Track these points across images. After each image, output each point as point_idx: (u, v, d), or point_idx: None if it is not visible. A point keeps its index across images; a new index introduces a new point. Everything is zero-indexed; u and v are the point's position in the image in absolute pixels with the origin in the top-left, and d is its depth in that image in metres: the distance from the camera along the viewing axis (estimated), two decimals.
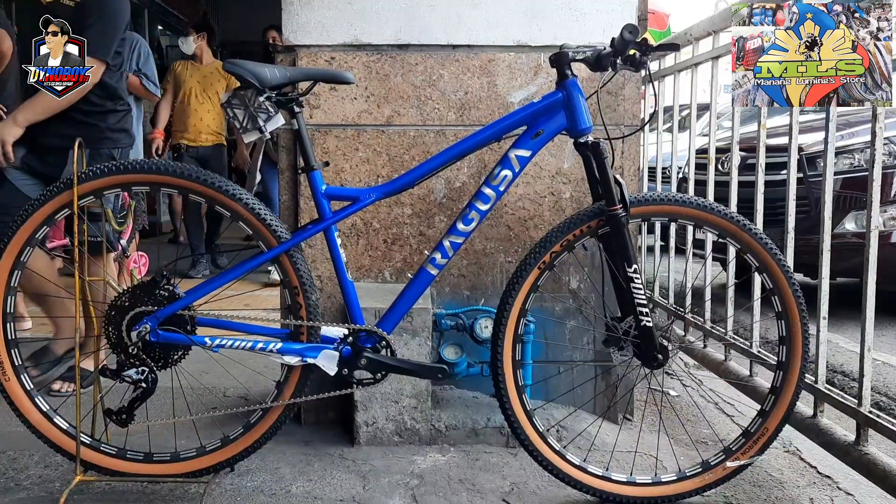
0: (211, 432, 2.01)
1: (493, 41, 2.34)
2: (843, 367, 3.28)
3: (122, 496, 1.90)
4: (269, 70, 1.78)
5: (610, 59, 1.78)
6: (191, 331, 1.81)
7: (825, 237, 2.08)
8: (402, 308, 1.88)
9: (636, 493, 1.89)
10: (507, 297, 1.86)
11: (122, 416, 1.80)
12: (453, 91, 2.36)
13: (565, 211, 2.37)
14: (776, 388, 1.88)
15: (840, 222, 3.83)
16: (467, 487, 1.98)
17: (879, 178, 1.91)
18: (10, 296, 1.84)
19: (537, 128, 1.82)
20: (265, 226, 1.80)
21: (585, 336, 2.42)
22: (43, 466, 2.06)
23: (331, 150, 2.35)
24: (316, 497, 1.92)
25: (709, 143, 2.83)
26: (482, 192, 1.83)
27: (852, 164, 3.90)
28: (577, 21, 2.33)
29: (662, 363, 1.84)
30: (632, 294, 1.80)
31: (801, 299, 1.83)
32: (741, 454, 1.88)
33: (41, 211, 1.79)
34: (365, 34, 2.33)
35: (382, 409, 2.21)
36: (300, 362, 1.83)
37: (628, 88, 2.36)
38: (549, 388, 2.36)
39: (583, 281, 2.39)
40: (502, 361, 1.87)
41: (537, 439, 1.89)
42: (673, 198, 1.85)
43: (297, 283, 1.83)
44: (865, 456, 1.89)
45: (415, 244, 2.39)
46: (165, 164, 1.79)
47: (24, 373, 1.87)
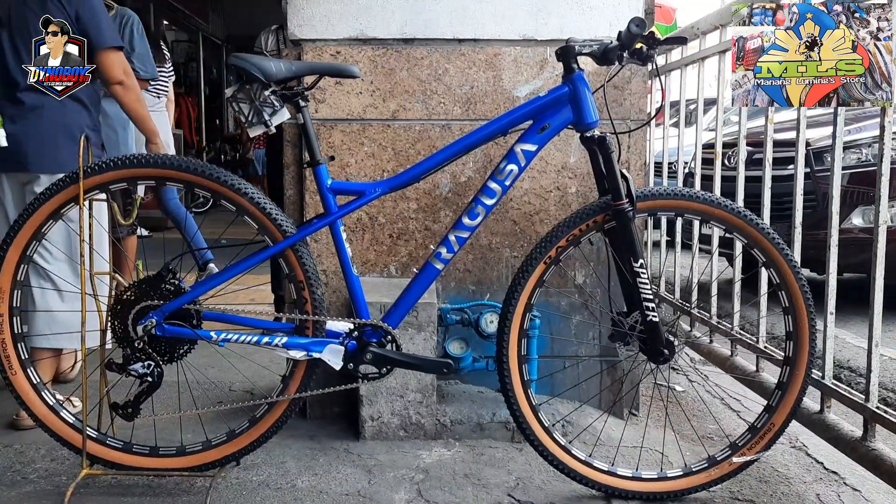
0: (217, 426, 2.01)
1: (499, 35, 2.33)
2: (850, 363, 3.27)
3: (128, 490, 1.90)
4: (274, 64, 1.78)
5: (616, 52, 1.77)
6: (196, 325, 1.81)
7: (833, 232, 2.07)
8: (407, 303, 1.88)
9: (642, 488, 1.88)
10: (513, 291, 1.85)
11: (128, 409, 1.80)
12: (459, 85, 2.35)
13: (571, 206, 2.36)
14: (783, 384, 1.87)
15: (847, 217, 3.81)
16: (472, 482, 1.98)
17: (888, 172, 1.90)
18: (16, 290, 1.84)
19: (543, 122, 1.82)
20: (270, 220, 1.80)
21: (591, 331, 2.42)
22: (49, 460, 2.07)
23: (336, 145, 2.35)
24: (321, 491, 1.92)
25: (715, 138, 2.81)
26: (488, 187, 1.83)
27: (860, 158, 3.88)
28: (584, 15, 2.32)
29: (668, 358, 1.83)
30: (638, 289, 1.79)
31: (808, 294, 1.82)
32: (747, 450, 1.87)
33: (47, 205, 1.79)
34: (370, 28, 2.33)
35: (388, 404, 2.21)
36: (305, 357, 1.83)
37: (635, 82, 2.35)
38: (554, 383, 2.36)
39: (589, 276, 2.38)
40: (508, 356, 1.87)
41: (543, 434, 1.88)
42: (679, 192, 1.84)
43: (302, 277, 1.83)
44: (872, 451, 1.88)
45: (420, 239, 2.38)
46: (170, 158, 1.79)
47: (31, 366, 1.88)
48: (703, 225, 1.93)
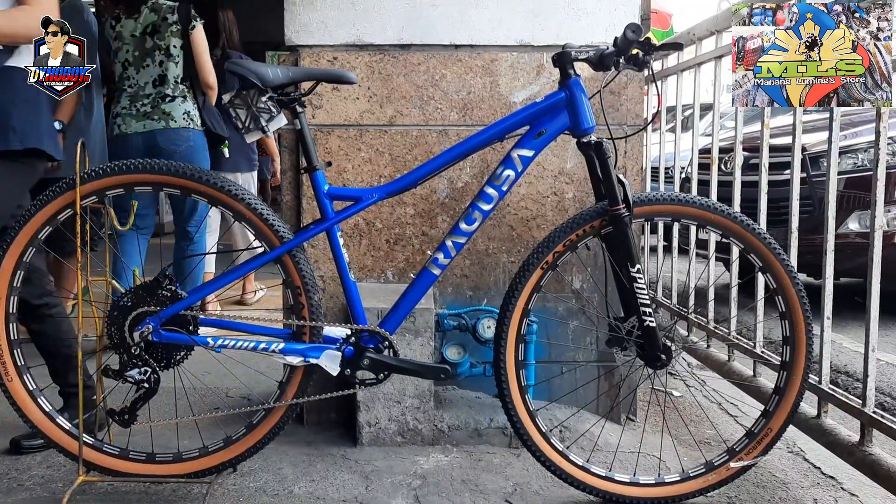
0: (213, 433, 2.01)
1: (496, 41, 2.34)
2: (847, 368, 3.27)
3: (124, 496, 1.90)
4: (271, 70, 1.78)
5: (613, 58, 1.77)
6: (193, 331, 1.81)
7: (829, 237, 2.07)
8: (404, 308, 1.88)
9: (639, 493, 1.88)
10: (510, 297, 1.85)
11: (125, 416, 1.80)
12: (456, 91, 2.35)
13: (568, 211, 2.37)
14: (780, 389, 1.87)
15: (844, 222, 3.82)
16: (470, 488, 1.98)
17: (883, 177, 1.90)
18: (12, 296, 1.84)
19: (540, 127, 1.82)
20: (268, 226, 1.80)
21: (588, 336, 2.42)
22: (45, 467, 2.06)
23: (333, 150, 2.35)
24: (318, 497, 1.92)
25: (712, 143, 2.82)
26: (485, 192, 1.83)
27: (856, 163, 3.89)
28: (580, 20, 2.33)
29: (665, 363, 1.83)
30: (635, 294, 1.79)
31: (805, 299, 1.82)
32: (745, 455, 1.87)
33: (43, 211, 1.79)
34: (367, 34, 2.33)
35: (385, 410, 2.21)
36: (303, 362, 1.83)
37: (631, 88, 2.35)
38: (552, 388, 2.36)
39: (586, 281, 2.39)
40: (505, 362, 1.87)
41: (540, 440, 1.88)
42: (676, 197, 1.84)
43: (299, 283, 1.83)
44: (869, 456, 1.88)
45: (417, 244, 2.38)
46: (167, 164, 1.79)
47: (27, 373, 1.87)
48: (699, 230, 1.93)
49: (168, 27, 3.28)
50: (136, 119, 3.26)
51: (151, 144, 3.25)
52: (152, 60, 3.29)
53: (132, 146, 3.24)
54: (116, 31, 3.33)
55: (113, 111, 3.35)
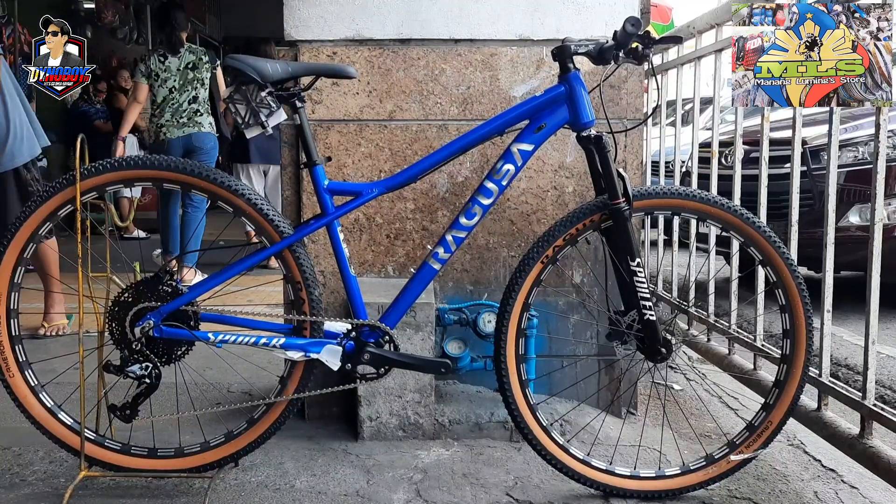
0: (215, 427, 2.01)
1: (496, 35, 2.33)
2: (847, 361, 3.28)
3: (126, 491, 1.90)
4: (270, 65, 1.78)
5: (612, 52, 1.77)
6: (194, 326, 1.81)
7: (829, 230, 2.07)
8: (405, 303, 1.88)
9: (640, 486, 1.89)
10: (511, 291, 1.86)
11: (126, 411, 1.80)
12: (455, 85, 2.35)
13: (568, 205, 2.37)
14: (780, 382, 1.87)
15: (844, 215, 3.82)
16: (471, 482, 1.99)
17: (883, 170, 1.90)
18: (14, 292, 1.84)
19: (540, 122, 1.82)
20: (268, 221, 1.80)
21: (589, 330, 2.42)
22: (48, 462, 2.07)
23: (333, 146, 2.35)
24: (320, 492, 1.92)
25: (712, 137, 2.82)
26: (485, 187, 1.83)
27: (856, 157, 3.89)
28: (580, 14, 2.32)
29: (666, 357, 1.84)
30: (635, 288, 1.79)
31: (805, 292, 1.82)
32: (745, 448, 1.88)
33: (44, 207, 1.79)
34: (366, 29, 2.33)
35: (386, 404, 2.21)
36: (303, 357, 1.83)
37: (631, 82, 2.35)
38: (552, 382, 2.36)
39: (586, 275, 2.39)
40: (506, 356, 1.87)
41: (541, 433, 1.89)
42: (676, 191, 1.84)
43: (299, 278, 1.83)
44: (870, 449, 1.89)
45: (417, 239, 2.39)
46: (168, 159, 1.79)
47: (28, 368, 1.87)
48: (700, 224, 1.93)
49: (204, 65, 4.74)
50: (177, 128, 4.66)
51: (187, 144, 4.66)
52: (192, 87, 4.69)
53: (174, 147, 4.61)
54: (165, 66, 4.65)
55: (157, 122, 4.68)
